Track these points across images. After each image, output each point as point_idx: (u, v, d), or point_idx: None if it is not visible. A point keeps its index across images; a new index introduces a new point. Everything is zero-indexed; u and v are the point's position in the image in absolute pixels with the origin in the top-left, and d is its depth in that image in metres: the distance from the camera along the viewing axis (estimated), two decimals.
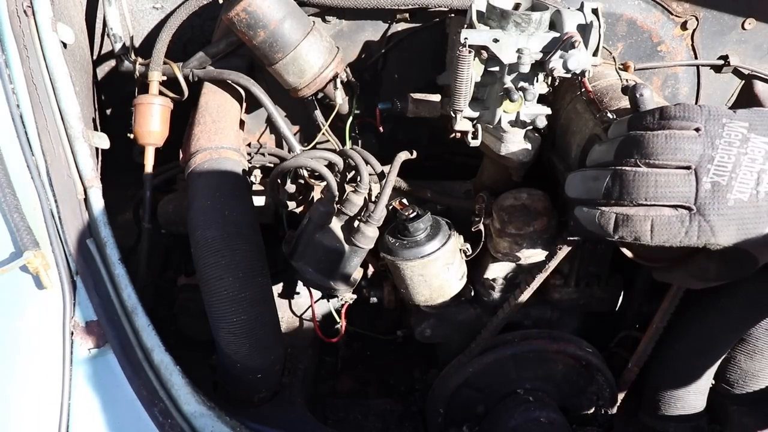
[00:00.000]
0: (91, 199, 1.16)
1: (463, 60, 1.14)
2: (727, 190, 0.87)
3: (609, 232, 0.94)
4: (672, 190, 0.88)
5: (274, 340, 1.27)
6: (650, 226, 0.90)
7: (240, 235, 1.21)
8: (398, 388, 1.67)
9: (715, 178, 0.87)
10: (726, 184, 0.87)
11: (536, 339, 1.38)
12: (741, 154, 0.87)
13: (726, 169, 0.87)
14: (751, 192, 0.87)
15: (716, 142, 0.88)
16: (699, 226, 0.89)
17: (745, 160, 0.87)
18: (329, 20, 1.43)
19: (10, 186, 1.09)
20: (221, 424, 1.08)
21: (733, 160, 0.87)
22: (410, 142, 1.52)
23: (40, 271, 1.06)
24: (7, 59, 1.11)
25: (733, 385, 1.47)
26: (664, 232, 0.90)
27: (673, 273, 1.06)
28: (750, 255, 0.91)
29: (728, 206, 0.88)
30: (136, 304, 1.10)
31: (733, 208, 0.88)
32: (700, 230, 0.89)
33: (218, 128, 1.36)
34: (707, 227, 0.89)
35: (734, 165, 0.87)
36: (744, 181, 0.87)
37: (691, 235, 0.90)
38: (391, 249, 1.32)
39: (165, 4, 1.45)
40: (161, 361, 1.08)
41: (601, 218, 0.94)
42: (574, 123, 1.26)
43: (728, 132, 0.88)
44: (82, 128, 1.18)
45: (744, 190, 0.87)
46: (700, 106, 0.91)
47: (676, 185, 0.88)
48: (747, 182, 0.87)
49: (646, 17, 1.46)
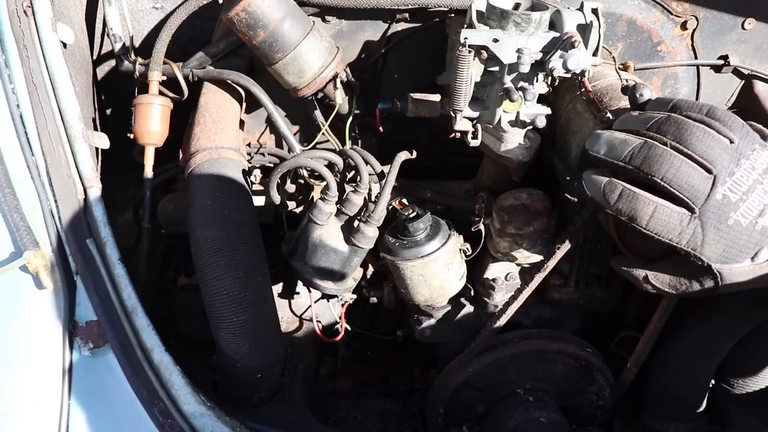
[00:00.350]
0: (91, 199, 1.16)
1: (463, 60, 1.14)
2: (733, 208, 0.88)
3: (609, 202, 0.93)
4: (689, 181, 0.88)
5: (274, 340, 1.27)
6: (651, 212, 0.90)
7: (240, 235, 1.21)
8: (398, 388, 1.67)
9: (728, 192, 0.88)
10: (735, 202, 0.88)
11: (536, 339, 1.38)
12: (758, 182, 0.89)
13: (740, 188, 0.88)
14: (751, 220, 0.89)
15: (742, 161, 0.89)
16: (693, 231, 0.90)
17: (759, 189, 0.89)
18: (329, 20, 1.43)
19: (10, 186, 1.09)
20: (221, 424, 1.08)
21: (749, 184, 0.89)
22: (410, 142, 1.52)
23: (40, 271, 1.06)
24: (7, 59, 1.11)
25: (733, 385, 1.47)
26: (661, 224, 0.90)
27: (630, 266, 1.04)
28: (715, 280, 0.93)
29: (727, 224, 0.89)
30: (136, 304, 1.10)
31: (731, 228, 0.89)
32: (693, 235, 0.90)
33: (218, 128, 1.36)
34: (700, 236, 0.90)
35: (749, 189, 0.88)
36: (750, 207, 0.88)
37: (682, 237, 0.90)
38: (391, 249, 1.32)
39: (165, 4, 1.45)
40: (161, 361, 1.08)
41: (607, 186, 0.94)
42: (574, 123, 1.26)
43: (755, 157, 0.90)
44: (82, 128, 1.18)
45: (747, 216, 0.89)
46: (743, 123, 0.92)
47: (695, 178, 0.89)
48: (752, 209, 0.89)
49: (646, 17, 1.46)
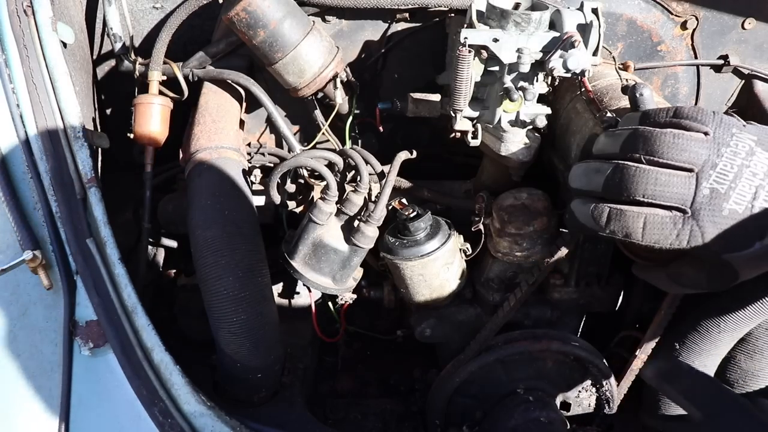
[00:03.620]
0: (91, 199, 1.16)
1: (463, 60, 1.14)
2: (724, 198, 0.87)
3: (601, 226, 0.94)
4: (670, 190, 0.88)
5: (274, 339, 1.27)
6: (642, 224, 0.90)
7: (240, 235, 1.21)
8: (398, 388, 1.67)
9: (714, 185, 0.87)
10: (724, 192, 0.87)
11: (519, 341, 1.38)
12: (744, 166, 0.87)
13: (727, 177, 0.87)
14: (746, 205, 0.87)
15: (722, 150, 0.88)
16: (691, 230, 0.89)
17: (747, 173, 0.87)
18: (329, 20, 1.43)
19: (10, 186, 1.09)
20: (221, 423, 1.07)
21: (735, 170, 0.87)
22: (410, 142, 1.52)
23: (40, 271, 1.06)
24: (7, 59, 1.11)
25: (733, 385, 1.47)
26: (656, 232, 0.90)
27: (651, 272, 1.05)
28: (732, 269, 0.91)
29: (722, 215, 0.87)
30: (136, 304, 1.10)
31: (727, 218, 0.87)
32: (691, 235, 0.89)
33: (218, 128, 1.36)
34: (698, 233, 0.89)
35: (735, 175, 0.87)
36: (742, 192, 0.87)
37: (682, 239, 0.90)
38: (391, 248, 1.32)
39: (165, 4, 1.45)
40: (161, 361, 1.08)
41: (594, 211, 0.94)
42: (574, 123, 1.26)
43: (736, 142, 0.88)
44: (82, 128, 1.18)
45: (740, 202, 0.87)
46: (714, 112, 0.91)
47: (676, 185, 0.88)
48: (744, 194, 0.87)
49: (646, 17, 1.46)
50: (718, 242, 0.89)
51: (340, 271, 1.35)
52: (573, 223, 1.00)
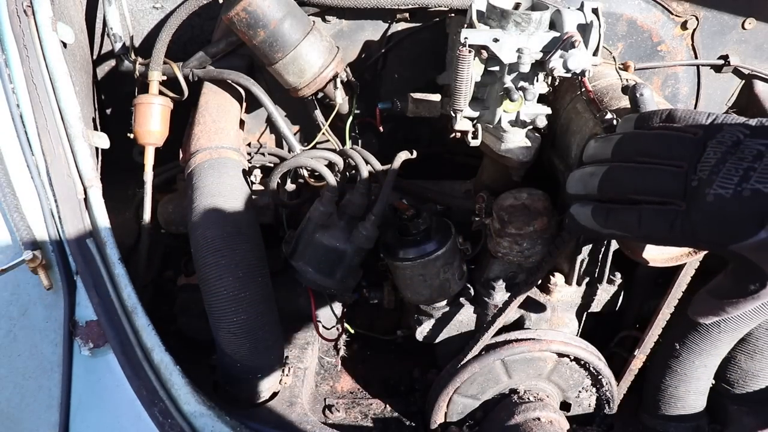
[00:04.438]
0: (91, 199, 1.16)
1: (463, 60, 1.14)
2: (707, 184, 0.84)
3: (601, 227, 0.94)
4: (660, 183, 0.88)
5: (274, 339, 1.27)
6: (638, 218, 0.90)
7: (240, 235, 1.21)
8: (398, 388, 1.67)
9: (699, 174, 0.86)
10: (706, 178, 0.84)
11: (519, 341, 1.38)
12: (729, 153, 0.85)
13: (709, 163, 0.84)
14: (734, 188, 0.82)
15: (708, 143, 0.87)
16: (681, 222, 0.88)
17: (733, 158, 0.84)
18: (329, 20, 1.43)
19: (10, 186, 1.09)
20: (221, 424, 1.08)
21: (718, 157, 0.84)
22: (410, 142, 1.52)
23: (40, 271, 1.06)
24: (7, 59, 1.11)
25: (733, 385, 1.47)
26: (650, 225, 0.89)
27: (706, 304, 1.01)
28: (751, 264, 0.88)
29: (707, 201, 0.83)
30: (136, 304, 1.10)
31: (713, 204, 0.83)
32: (683, 228, 0.88)
33: (218, 128, 1.36)
34: (689, 225, 0.88)
35: (719, 161, 0.84)
36: (727, 175, 0.83)
37: (675, 232, 0.89)
38: (391, 249, 1.32)
39: (165, 4, 1.45)
40: (161, 361, 1.08)
41: (594, 213, 0.95)
42: (574, 123, 1.26)
43: (723, 134, 0.87)
44: (82, 128, 1.18)
45: (726, 186, 0.83)
46: (708, 114, 0.91)
47: (665, 180, 0.88)
48: (730, 178, 0.83)
49: (646, 17, 1.46)
50: (711, 231, 0.85)
51: (340, 271, 1.35)
52: (574, 227, 1.00)
